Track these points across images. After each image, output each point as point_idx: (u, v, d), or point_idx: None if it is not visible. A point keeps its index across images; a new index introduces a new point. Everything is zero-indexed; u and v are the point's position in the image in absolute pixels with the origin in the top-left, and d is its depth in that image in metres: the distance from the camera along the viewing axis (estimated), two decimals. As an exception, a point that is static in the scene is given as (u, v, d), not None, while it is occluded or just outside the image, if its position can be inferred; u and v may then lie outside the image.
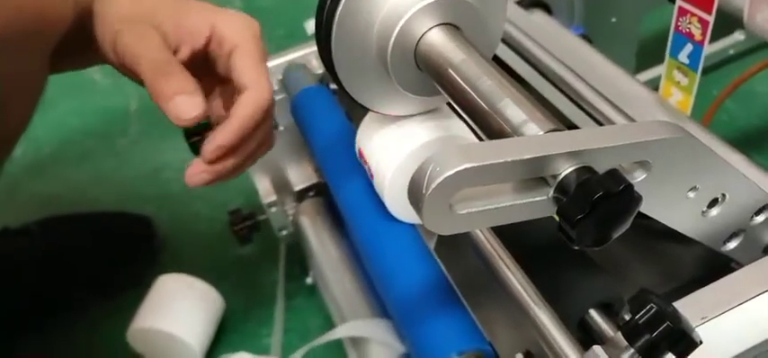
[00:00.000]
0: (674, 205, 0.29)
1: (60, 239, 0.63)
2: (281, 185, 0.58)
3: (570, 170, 0.24)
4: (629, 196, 0.23)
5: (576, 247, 0.23)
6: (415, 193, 0.23)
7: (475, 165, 0.22)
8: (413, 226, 0.39)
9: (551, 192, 0.24)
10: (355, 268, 0.52)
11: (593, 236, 0.23)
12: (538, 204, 0.25)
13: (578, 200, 0.23)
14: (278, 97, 0.52)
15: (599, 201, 0.22)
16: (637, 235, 0.45)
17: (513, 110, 0.27)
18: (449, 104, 0.37)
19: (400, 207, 0.37)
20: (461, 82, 0.29)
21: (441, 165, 0.22)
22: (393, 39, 0.31)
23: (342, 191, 0.43)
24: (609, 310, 0.30)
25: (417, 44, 0.31)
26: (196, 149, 0.53)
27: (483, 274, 0.35)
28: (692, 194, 0.29)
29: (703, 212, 0.30)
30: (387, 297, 0.39)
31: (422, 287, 0.36)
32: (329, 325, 0.53)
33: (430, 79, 0.32)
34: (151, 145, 0.81)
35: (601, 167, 0.24)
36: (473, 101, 0.28)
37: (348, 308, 0.50)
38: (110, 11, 0.36)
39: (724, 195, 0.30)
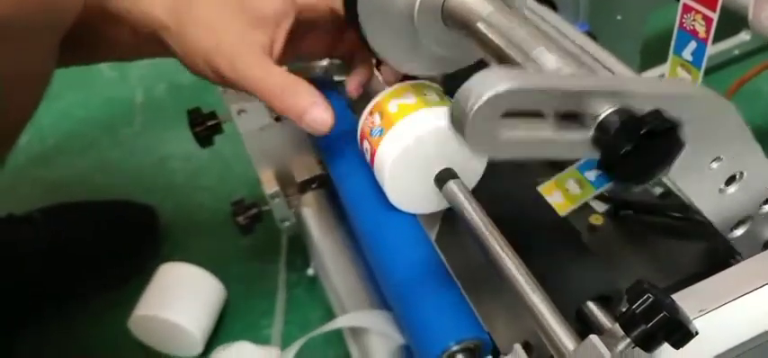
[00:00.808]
0: (697, 173, 0.29)
1: (64, 227, 0.63)
2: (284, 177, 0.58)
3: (612, 110, 0.24)
4: (675, 138, 0.23)
5: (617, 182, 0.24)
6: (459, 113, 0.23)
7: (521, 85, 0.22)
8: (414, 217, 0.39)
9: (591, 132, 0.24)
10: (356, 260, 0.52)
11: (635, 173, 0.23)
12: (575, 143, 0.25)
13: (625, 133, 0.23)
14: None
15: (646, 135, 0.22)
16: (637, 231, 0.45)
17: (547, 57, 0.27)
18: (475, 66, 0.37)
19: (400, 195, 0.37)
20: (492, 35, 0.29)
21: (486, 84, 0.22)
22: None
23: (344, 182, 0.43)
24: (607, 303, 0.30)
25: (444, 2, 0.31)
26: (200, 139, 0.53)
27: (482, 265, 0.35)
28: (715, 165, 0.29)
29: (721, 189, 0.31)
30: (386, 287, 0.39)
31: (421, 277, 0.36)
32: (330, 316, 0.54)
33: (457, 35, 0.32)
34: (155, 135, 0.82)
35: (639, 112, 0.24)
36: (505, 53, 0.28)
37: (349, 300, 0.50)
38: (184, 36, 0.37)
39: (742, 173, 0.31)
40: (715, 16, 0.40)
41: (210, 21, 0.37)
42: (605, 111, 0.24)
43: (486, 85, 0.22)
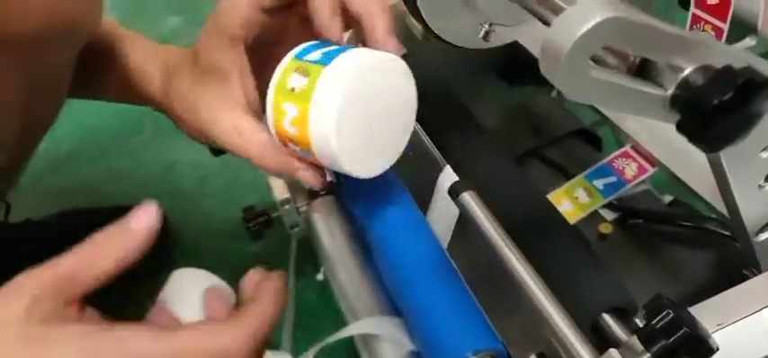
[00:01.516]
0: (744, 160, 0.28)
1: (79, 233, 0.64)
2: (295, 183, 0.58)
3: (696, 66, 0.23)
4: (765, 96, 0.22)
5: (701, 144, 0.23)
6: (553, 49, 0.22)
7: (622, 16, 0.21)
8: (426, 224, 0.39)
9: (672, 89, 0.23)
10: (366, 265, 0.52)
11: (724, 130, 0.22)
12: (652, 98, 0.24)
13: (721, 84, 0.22)
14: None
15: (743, 87, 0.21)
16: (646, 240, 0.45)
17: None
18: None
19: (353, 157, 0.32)
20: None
21: (585, 15, 0.21)
22: None
23: (355, 189, 0.43)
24: (623, 315, 0.30)
25: None
26: (215, 152, 0.54)
27: (496, 275, 0.35)
28: (764, 154, 0.28)
29: (761, 185, 0.30)
30: (399, 295, 0.39)
31: (435, 286, 0.37)
32: (340, 321, 0.54)
33: (515, 6, 0.31)
34: (165, 144, 0.82)
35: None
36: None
37: (359, 305, 0.50)
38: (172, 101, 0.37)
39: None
40: (725, 27, 0.40)
41: (186, 95, 0.36)
42: (689, 67, 0.23)
43: (588, 15, 0.21)
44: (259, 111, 0.35)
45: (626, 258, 0.45)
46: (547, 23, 0.28)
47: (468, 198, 0.35)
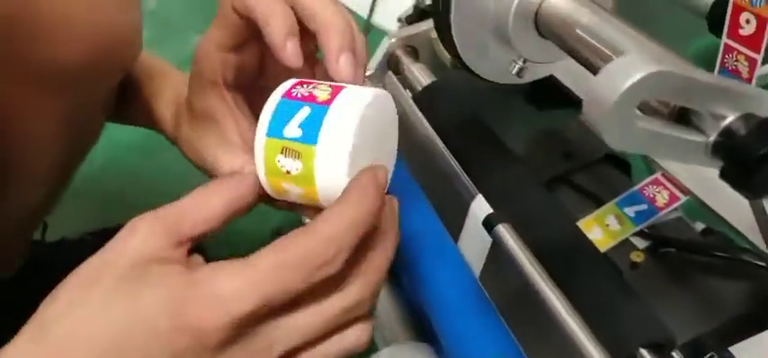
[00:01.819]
0: None
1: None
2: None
3: (738, 115, 0.23)
4: None
5: (746, 192, 0.23)
6: (599, 99, 0.22)
7: (668, 70, 0.22)
8: (460, 254, 0.40)
9: (713, 135, 0.24)
10: (396, 291, 0.53)
11: (759, 181, 0.22)
12: (695, 146, 0.24)
13: (762, 134, 0.22)
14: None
15: None
16: (678, 269, 0.45)
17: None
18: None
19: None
20: (593, 41, 0.28)
21: (629, 69, 0.22)
22: (514, 8, 0.30)
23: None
24: (660, 350, 0.30)
25: (538, 10, 0.31)
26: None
27: (530, 305, 0.36)
28: None
29: None
30: (433, 324, 0.40)
31: (467, 315, 0.37)
32: (370, 348, 0.54)
33: (551, 44, 0.31)
34: (194, 161, 0.84)
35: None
36: (608, 58, 0.27)
37: (390, 332, 0.51)
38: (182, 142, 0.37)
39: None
40: (759, 57, 0.40)
41: (191, 139, 0.35)
42: (732, 115, 0.23)
43: (631, 69, 0.21)
44: None
45: (658, 288, 0.45)
46: (592, 68, 0.28)
47: (503, 230, 0.36)
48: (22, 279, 0.54)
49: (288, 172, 0.27)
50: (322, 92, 0.28)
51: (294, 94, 0.28)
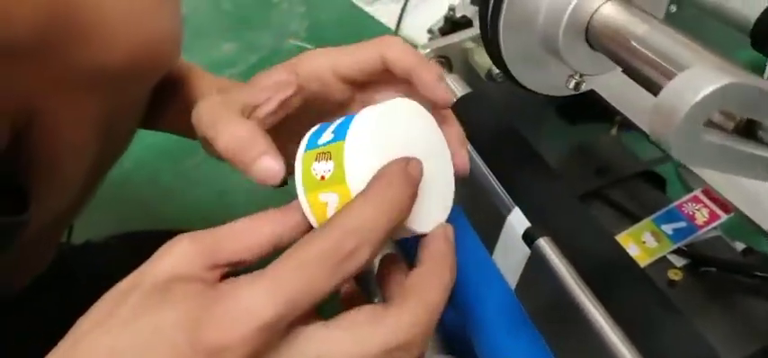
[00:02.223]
0: None
1: (138, 255, 0.65)
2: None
3: None
4: None
5: None
6: (666, 113, 0.21)
7: (739, 82, 0.21)
8: (496, 267, 0.39)
9: None
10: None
11: None
12: (762, 160, 0.24)
13: None
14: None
15: None
16: (718, 289, 0.44)
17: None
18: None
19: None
20: (649, 53, 0.27)
21: (700, 81, 0.21)
22: (565, 21, 0.30)
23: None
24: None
25: (590, 21, 0.30)
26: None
27: (569, 320, 0.35)
28: None
29: None
30: (470, 335, 0.39)
31: (506, 328, 0.36)
32: None
33: (602, 57, 0.31)
34: (217, 168, 0.84)
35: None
36: (666, 70, 0.26)
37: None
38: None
39: None
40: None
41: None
42: None
43: (702, 82, 0.21)
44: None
45: (697, 307, 0.43)
46: (648, 80, 0.27)
47: (544, 244, 0.35)
48: (48, 281, 0.54)
49: (322, 178, 0.27)
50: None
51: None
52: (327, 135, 0.28)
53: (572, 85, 0.32)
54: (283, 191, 0.81)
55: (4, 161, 0.32)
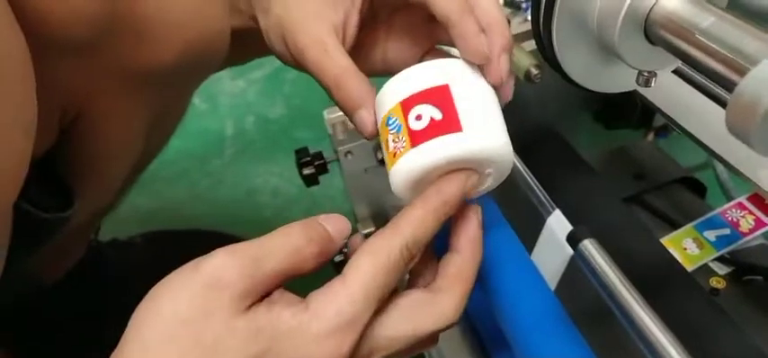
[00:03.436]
0: None
1: (162, 253, 0.66)
2: (380, 217, 0.58)
3: None
4: None
5: None
6: (748, 105, 0.21)
7: None
8: (536, 269, 0.38)
9: None
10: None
11: None
12: None
13: None
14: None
15: None
16: (764, 298, 0.43)
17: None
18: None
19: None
20: (716, 46, 0.26)
21: None
22: (622, 15, 0.29)
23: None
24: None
25: (648, 15, 0.29)
26: (308, 180, 0.54)
27: (613, 322, 0.34)
28: None
29: None
30: (510, 337, 0.38)
31: (548, 329, 0.36)
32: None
33: (661, 51, 0.29)
34: (244, 168, 0.84)
35: None
36: (736, 63, 0.25)
37: (449, 349, 0.49)
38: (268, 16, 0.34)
39: None
40: None
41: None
42: None
43: None
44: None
45: (742, 316, 0.42)
46: (716, 75, 0.26)
47: (588, 246, 0.34)
48: (80, 274, 0.54)
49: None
50: None
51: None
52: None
53: (642, 80, 0.31)
54: (307, 193, 0.80)
55: (50, 157, 0.32)
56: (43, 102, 0.27)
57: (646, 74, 0.30)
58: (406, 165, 0.28)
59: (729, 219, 0.45)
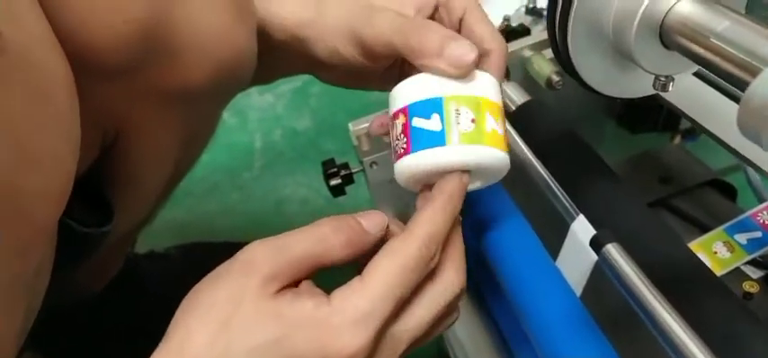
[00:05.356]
0: None
1: (197, 265, 0.67)
2: (404, 223, 0.59)
3: None
4: None
5: None
6: (757, 107, 0.21)
7: None
8: (561, 274, 0.38)
9: None
10: (480, 311, 0.52)
11: None
12: None
13: None
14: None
15: None
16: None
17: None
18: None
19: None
20: (732, 49, 0.26)
21: None
22: (637, 20, 0.29)
23: (486, 231, 0.43)
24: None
25: (664, 19, 0.29)
26: (335, 190, 0.55)
27: (640, 327, 0.34)
28: None
29: None
30: (536, 343, 0.38)
31: (574, 336, 0.36)
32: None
33: (677, 55, 0.30)
34: (273, 180, 0.86)
35: None
36: (752, 66, 0.25)
37: (474, 352, 0.50)
38: (324, 19, 0.36)
39: None
40: None
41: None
42: None
43: None
44: None
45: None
46: (732, 77, 0.26)
47: (613, 250, 0.34)
48: (119, 286, 0.56)
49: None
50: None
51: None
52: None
53: (659, 86, 0.31)
54: (334, 203, 0.81)
55: (91, 174, 0.34)
56: (86, 123, 0.28)
57: (662, 78, 0.31)
58: (405, 166, 0.31)
59: (760, 221, 0.44)
